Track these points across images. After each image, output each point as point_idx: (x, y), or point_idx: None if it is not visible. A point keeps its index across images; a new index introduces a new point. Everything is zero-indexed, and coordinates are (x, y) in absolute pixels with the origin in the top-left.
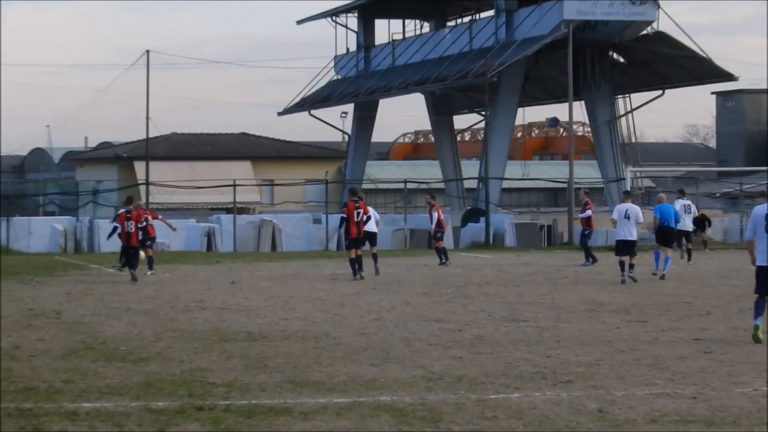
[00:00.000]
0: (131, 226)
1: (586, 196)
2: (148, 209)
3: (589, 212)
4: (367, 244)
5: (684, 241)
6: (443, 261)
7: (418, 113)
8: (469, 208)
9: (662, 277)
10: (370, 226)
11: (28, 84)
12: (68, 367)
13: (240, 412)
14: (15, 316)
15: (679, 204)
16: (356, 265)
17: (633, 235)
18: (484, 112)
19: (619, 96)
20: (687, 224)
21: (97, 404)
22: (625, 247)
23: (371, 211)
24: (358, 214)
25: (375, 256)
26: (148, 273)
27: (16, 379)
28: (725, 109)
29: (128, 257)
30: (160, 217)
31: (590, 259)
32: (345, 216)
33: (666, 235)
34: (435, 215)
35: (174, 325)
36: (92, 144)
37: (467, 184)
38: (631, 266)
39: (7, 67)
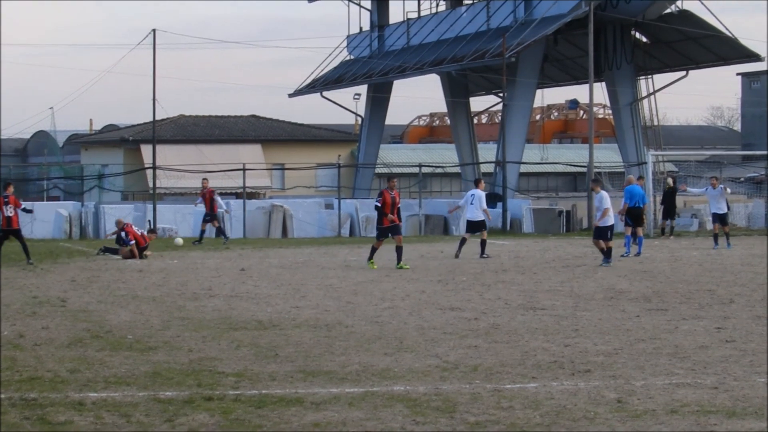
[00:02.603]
0: (10, 210)
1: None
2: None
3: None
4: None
5: (719, 224)
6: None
7: (434, 95)
8: (485, 192)
9: (638, 254)
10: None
11: (31, 64)
12: (74, 356)
13: (250, 402)
14: (19, 304)
15: (717, 190)
16: (374, 253)
17: None
18: (501, 94)
19: (641, 77)
20: (722, 207)
21: (103, 394)
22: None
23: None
24: (394, 203)
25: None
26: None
27: (21, 368)
28: (751, 90)
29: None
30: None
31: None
32: (380, 205)
33: (636, 215)
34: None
35: (182, 314)
36: (97, 127)
37: (484, 168)
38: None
39: (9, 47)
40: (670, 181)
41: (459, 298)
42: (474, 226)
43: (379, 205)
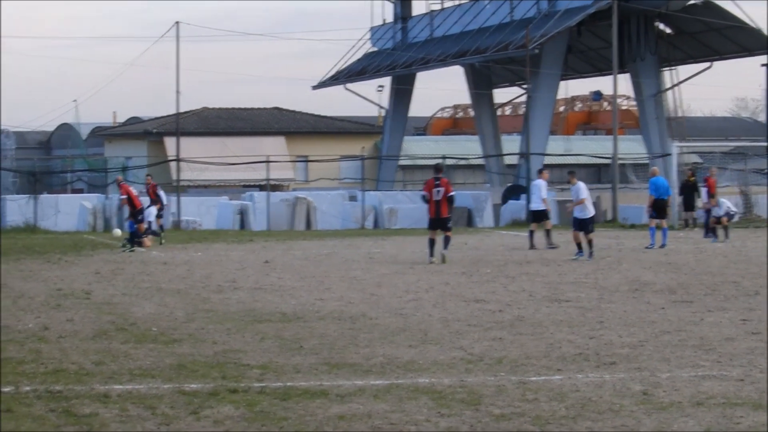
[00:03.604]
0: None
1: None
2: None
3: None
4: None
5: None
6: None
7: (457, 86)
8: (509, 184)
9: (662, 246)
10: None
11: (54, 57)
12: (98, 348)
13: (275, 394)
14: (43, 297)
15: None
16: (432, 247)
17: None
18: (525, 86)
19: (665, 68)
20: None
21: (128, 386)
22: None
23: None
24: (438, 192)
25: (447, 239)
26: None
27: (46, 360)
28: None
29: None
30: None
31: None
32: (425, 194)
33: (661, 207)
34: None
35: (206, 306)
36: (121, 119)
37: (508, 160)
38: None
39: (32, 40)
40: (689, 173)
41: (483, 290)
42: (536, 216)
43: (425, 193)
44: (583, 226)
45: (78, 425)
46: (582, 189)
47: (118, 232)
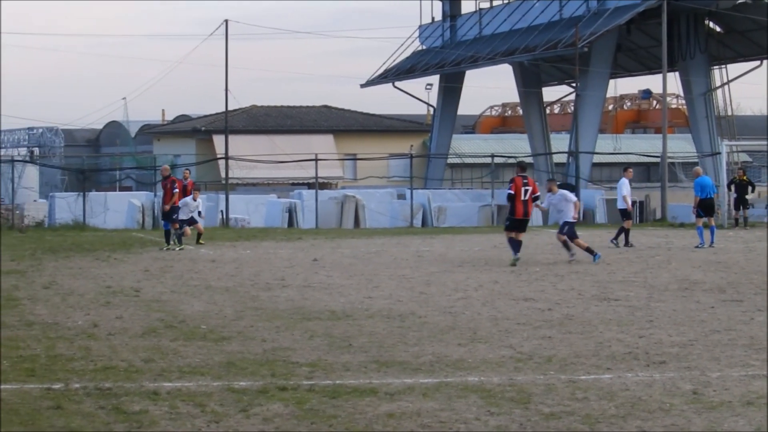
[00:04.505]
0: None
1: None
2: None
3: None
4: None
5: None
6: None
7: (506, 85)
8: (558, 183)
9: (711, 245)
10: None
11: (104, 55)
12: (148, 345)
13: (324, 392)
14: (93, 294)
15: None
16: (516, 245)
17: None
18: (574, 84)
19: (715, 67)
20: None
21: (178, 384)
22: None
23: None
24: (526, 191)
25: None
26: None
27: (95, 357)
28: None
29: None
30: None
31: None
32: (512, 193)
33: (708, 206)
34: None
35: (255, 304)
36: (169, 117)
37: (556, 158)
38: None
39: (82, 38)
40: (740, 171)
41: (532, 289)
42: (621, 214)
43: (512, 192)
44: (572, 230)
45: (127, 422)
46: (569, 194)
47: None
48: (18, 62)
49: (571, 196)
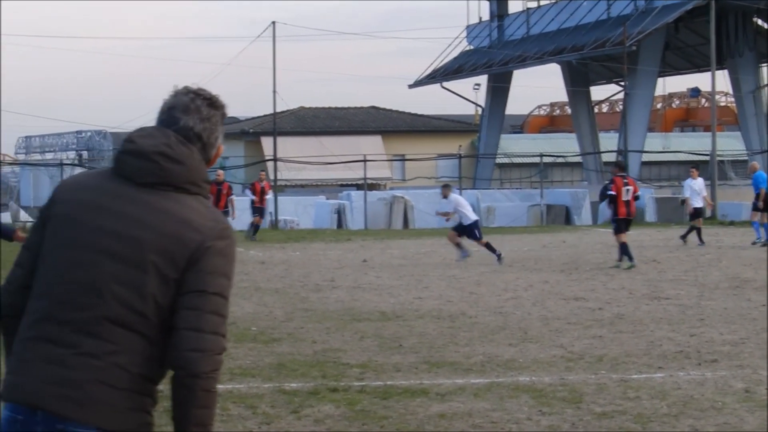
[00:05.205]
0: None
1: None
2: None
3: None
4: None
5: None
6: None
7: (554, 84)
8: (607, 182)
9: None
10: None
11: (151, 57)
12: None
13: (375, 393)
14: None
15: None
16: (627, 248)
17: None
18: (622, 83)
19: (763, 64)
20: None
21: (228, 386)
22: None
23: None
24: (628, 191)
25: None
26: None
27: None
28: None
29: None
30: None
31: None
32: (614, 194)
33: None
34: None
35: (305, 305)
36: None
37: (605, 157)
38: None
39: (130, 40)
40: None
41: (582, 288)
42: (696, 213)
43: (613, 193)
44: (467, 232)
45: None
46: (460, 198)
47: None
48: (66, 66)
49: (462, 198)
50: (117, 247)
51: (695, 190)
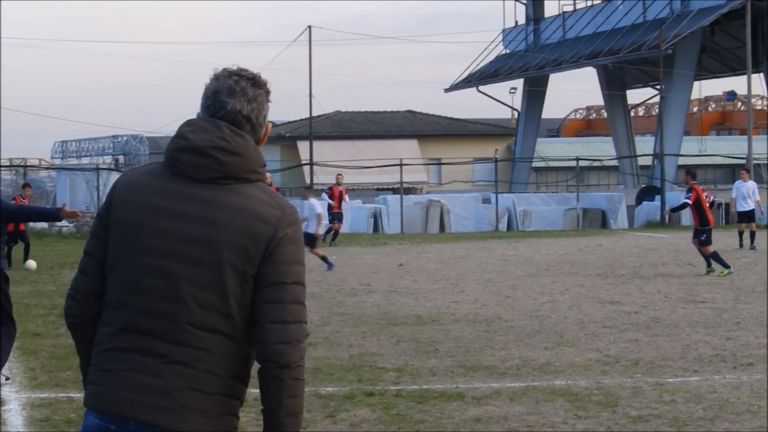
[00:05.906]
0: None
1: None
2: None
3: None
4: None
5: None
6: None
7: (590, 88)
8: (643, 185)
9: None
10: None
11: (187, 62)
12: None
13: (411, 397)
14: None
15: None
16: (720, 257)
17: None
18: (658, 86)
19: None
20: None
21: None
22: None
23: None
24: (707, 198)
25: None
26: None
27: None
28: None
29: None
30: None
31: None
32: (692, 203)
33: None
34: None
35: (341, 309)
36: None
37: (641, 161)
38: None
39: (165, 45)
40: None
41: (618, 292)
42: (747, 217)
43: (689, 202)
44: (311, 241)
45: None
46: (316, 205)
47: (32, 264)
48: (103, 70)
49: (317, 207)
50: (190, 250)
51: (742, 193)
